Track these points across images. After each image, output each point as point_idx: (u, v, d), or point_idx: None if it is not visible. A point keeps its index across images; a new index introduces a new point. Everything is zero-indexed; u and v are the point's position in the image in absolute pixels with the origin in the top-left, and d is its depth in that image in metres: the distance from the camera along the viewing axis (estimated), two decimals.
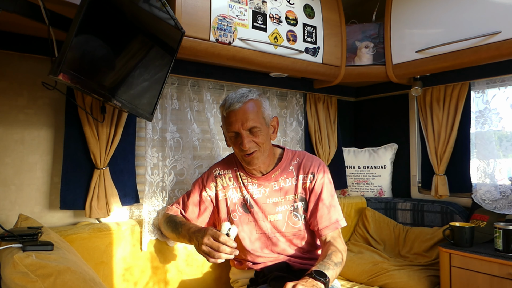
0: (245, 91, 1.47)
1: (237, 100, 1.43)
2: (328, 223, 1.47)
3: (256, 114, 1.44)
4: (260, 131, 1.44)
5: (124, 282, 1.59)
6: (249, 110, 1.43)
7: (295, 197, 1.53)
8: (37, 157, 1.54)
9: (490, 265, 1.67)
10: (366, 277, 1.97)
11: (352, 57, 2.23)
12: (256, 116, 1.44)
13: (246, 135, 1.42)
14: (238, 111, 1.42)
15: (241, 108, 1.42)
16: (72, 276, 0.91)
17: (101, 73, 1.15)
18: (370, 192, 2.57)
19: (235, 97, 1.44)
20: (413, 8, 2.04)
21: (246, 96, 1.44)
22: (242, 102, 1.42)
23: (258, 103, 1.47)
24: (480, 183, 2.08)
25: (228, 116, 1.44)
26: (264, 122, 1.47)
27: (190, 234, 1.39)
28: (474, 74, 2.07)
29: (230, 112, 1.43)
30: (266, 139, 1.47)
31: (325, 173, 1.55)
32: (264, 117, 1.48)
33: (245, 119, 1.42)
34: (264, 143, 1.46)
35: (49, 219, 1.56)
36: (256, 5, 1.79)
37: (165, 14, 1.35)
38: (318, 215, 1.48)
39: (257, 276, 1.55)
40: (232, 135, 1.46)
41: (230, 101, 1.43)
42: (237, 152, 1.50)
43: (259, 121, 1.44)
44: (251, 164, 1.48)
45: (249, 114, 1.42)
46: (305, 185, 1.53)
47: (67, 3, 1.15)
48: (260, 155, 1.46)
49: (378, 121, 2.73)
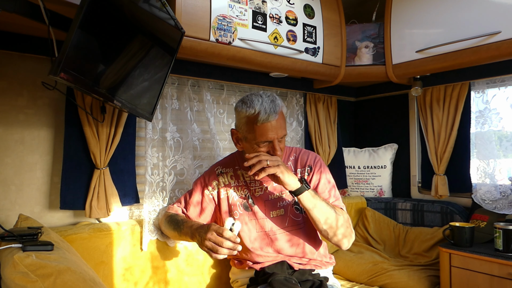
0: (273, 98, 1.46)
1: (273, 110, 1.42)
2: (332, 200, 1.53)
3: (285, 123, 1.50)
4: (286, 136, 1.50)
5: (124, 282, 1.59)
6: (282, 121, 1.47)
7: None
8: (37, 157, 1.54)
9: (490, 265, 1.67)
10: (366, 277, 1.97)
11: (352, 57, 2.23)
12: (285, 124, 1.50)
13: (277, 142, 1.45)
14: (275, 122, 1.43)
15: (278, 119, 1.44)
16: (72, 276, 0.91)
17: (101, 73, 1.15)
18: (370, 192, 2.57)
19: (268, 107, 1.42)
20: (413, 8, 2.04)
21: (278, 105, 1.45)
22: (277, 112, 1.44)
23: (283, 110, 1.51)
24: (480, 183, 2.08)
25: (264, 126, 1.42)
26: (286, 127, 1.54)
27: (193, 231, 1.40)
28: (474, 74, 2.07)
29: (267, 123, 1.42)
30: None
31: (322, 164, 1.60)
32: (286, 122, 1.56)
33: (280, 130, 1.45)
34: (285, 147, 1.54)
35: (49, 219, 1.56)
36: (256, 5, 1.79)
37: (165, 14, 1.35)
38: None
39: (257, 275, 1.55)
40: (263, 143, 1.45)
41: (266, 111, 1.41)
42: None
43: (286, 128, 1.51)
44: None
45: (282, 124, 1.47)
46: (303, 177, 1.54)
47: (67, 3, 1.15)
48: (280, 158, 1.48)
49: (378, 121, 2.73)
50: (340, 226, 1.44)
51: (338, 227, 1.44)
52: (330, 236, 1.45)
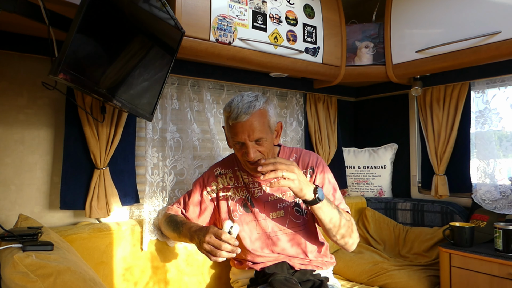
0: (252, 99, 1.39)
1: (245, 111, 1.35)
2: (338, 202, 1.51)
3: (263, 125, 1.38)
4: (265, 140, 1.40)
5: (124, 282, 1.59)
6: (256, 122, 1.36)
7: None
8: (37, 157, 1.54)
9: (490, 265, 1.67)
10: (366, 277, 1.97)
11: (352, 57, 2.23)
12: (262, 127, 1.38)
13: (251, 145, 1.37)
14: (245, 123, 1.35)
15: (248, 120, 1.35)
16: (72, 276, 0.91)
17: (101, 73, 1.15)
18: (370, 192, 2.57)
19: (242, 106, 1.36)
20: (413, 8, 2.04)
21: (253, 107, 1.36)
22: (250, 114, 1.35)
23: (264, 112, 1.39)
24: (480, 183, 2.08)
25: (234, 126, 1.37)
26: (269, 130, 1.42)
27: (192, 233, 1.39)
28: (474, 74, 2.07)
29: (237, 123, 1.36)
30: (270, 146, 1.45)
31: (324, 166, 1.57)
32: (270, 125, 1.43)
33: (251, 131, 1.35)
34: (269, 151, 1.44)
35: (49, 219, 1.56)
36: (256, 5, 1.79)
37: (165, 14, 1.35)
38: None
39: (257, 276, 1.54)
40: (237, 143, 1.42)
41: (237, 112, 1.35)
42: (240, 157, 1.47)
43: (264, 131, 1.38)
44: (255, 172, 1.44)
45: (256, 125, 1.36)
46: None
47: (67, 3, 1.15)
48: None
49: (378, 121, 2.73)
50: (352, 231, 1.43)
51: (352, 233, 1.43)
52: (339, 242, 1.44)
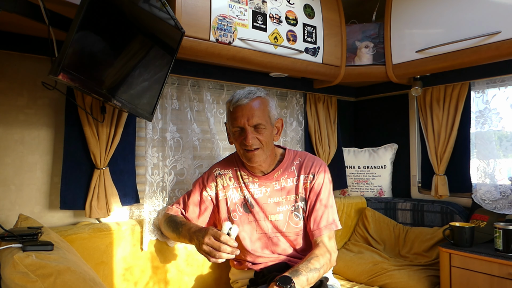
0: (253, 89, 1.49)
1: (245, 96, 1.45)
2: (324, 224, 1.48)
3: (263, 112, 1.46)
4: (265, 128, 1.45)
5: (124, 282, 1.59)
6: (256, 107, 1.44)
7: (296, 197, 1.53)
8: (37, 157, 1.54)
9: (490, 265, 1.67)
10: (366, 277, 1.97)
11: (352, 57, 2.23)
12: (262, 114, 1.45)
13: (250, 131, 1.43)
14: (245, 106, 1.43)
15: (248, 103, 1.44)
16: (72, 276, 0.91)
17: (101, 73, 1.15)
18: (370, 192, 2.57)
19: (243, 93, 1.46)
20: (413, 8, 2.04)
21: (254, 93, 1.46)
22: (250, 98, 1.44)
23: (265, 101, 1.49)
24: (480, 183, 2.08)
25: (235, 111, 1.45)
26: (269, 120, 1.49)
27: (191, 234, 1.39)
28: (474, 74, 2.07)
29: (237, 107, 1.44)
30: (269, 138, 1.48)
31: (325, 173, 1.56)
32: (270, 116, 1.50)
33: (251, 115, 1.43)
34: (268, 142, 1.47)
35: (49, 219, 1.56)
36: (256, 5, 1.79)
37: (165, 14, 1.35)
38: (313, 216, 1.50)
39: (256, 276, 1.54)
40: (237, 130, 1.46)
41: (238, 97, 1.45)
42: (239, 148, 1.50)
43: (264, 118, 1.46)
44: (251, 161, 1.47)
45: (256, 110, 1.44)
46: (305, 185, 1.54)
47: (67, 3, 1.15)
48: (262, 153, 1.47)
49: (378, 121, 2.73)
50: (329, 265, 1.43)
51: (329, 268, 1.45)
52: None
